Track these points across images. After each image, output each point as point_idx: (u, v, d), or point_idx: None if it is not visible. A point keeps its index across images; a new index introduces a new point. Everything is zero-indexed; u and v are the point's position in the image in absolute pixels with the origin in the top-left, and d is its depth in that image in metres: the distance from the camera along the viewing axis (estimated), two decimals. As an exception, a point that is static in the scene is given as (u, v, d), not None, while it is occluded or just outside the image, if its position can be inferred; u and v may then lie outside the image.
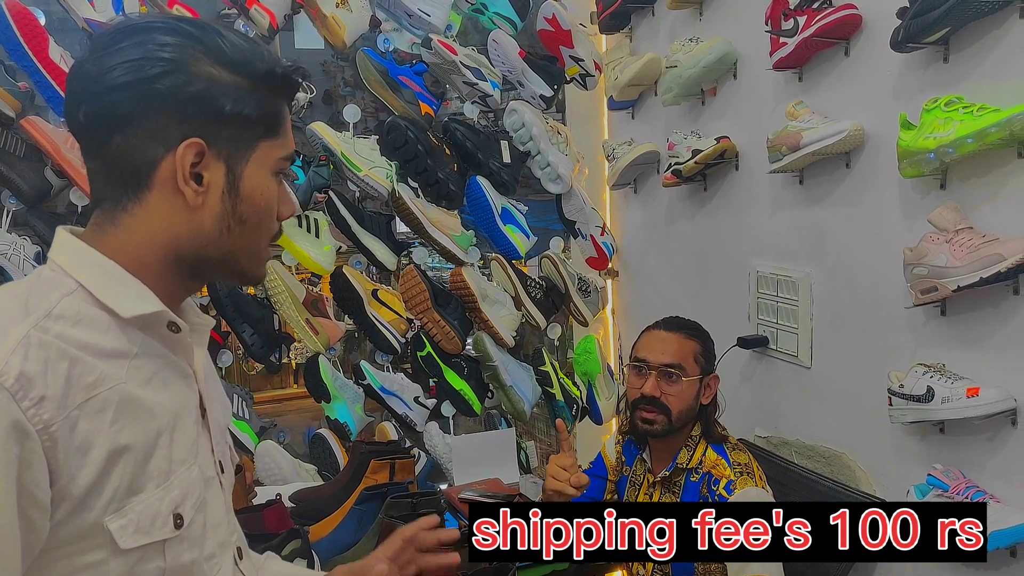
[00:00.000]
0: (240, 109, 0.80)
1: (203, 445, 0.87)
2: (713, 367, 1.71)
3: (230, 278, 0.91)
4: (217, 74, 0.79)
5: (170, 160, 0.78)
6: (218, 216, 0.82)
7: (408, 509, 1.65)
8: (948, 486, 1.44)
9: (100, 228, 0.81)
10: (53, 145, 1.88)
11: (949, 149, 1.41)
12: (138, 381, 0.78)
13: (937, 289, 1.46)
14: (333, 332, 2.25)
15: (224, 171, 0.81)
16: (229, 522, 0.91)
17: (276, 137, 0.85)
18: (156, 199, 0.80)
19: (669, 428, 1.63)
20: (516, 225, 2.40)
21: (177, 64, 0.77)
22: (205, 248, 0.82)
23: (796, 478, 1.88)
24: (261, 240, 0.87)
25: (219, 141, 0.80)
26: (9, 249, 1.87)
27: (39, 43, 1.86)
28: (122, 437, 0.75)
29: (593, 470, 1.86)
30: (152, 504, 0.77)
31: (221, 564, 0.87)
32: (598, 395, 2.56)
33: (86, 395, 0.73)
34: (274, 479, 2.14)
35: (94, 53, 0.78)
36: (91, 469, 0.72)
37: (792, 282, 1.98)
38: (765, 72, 1.98)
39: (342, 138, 2.15)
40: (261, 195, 0.84)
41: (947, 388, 1.45)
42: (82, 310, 0.76)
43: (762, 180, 2.06)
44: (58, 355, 0.72)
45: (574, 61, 2.45)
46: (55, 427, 0.70)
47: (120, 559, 0.75)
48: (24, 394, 0.69)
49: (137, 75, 0.76)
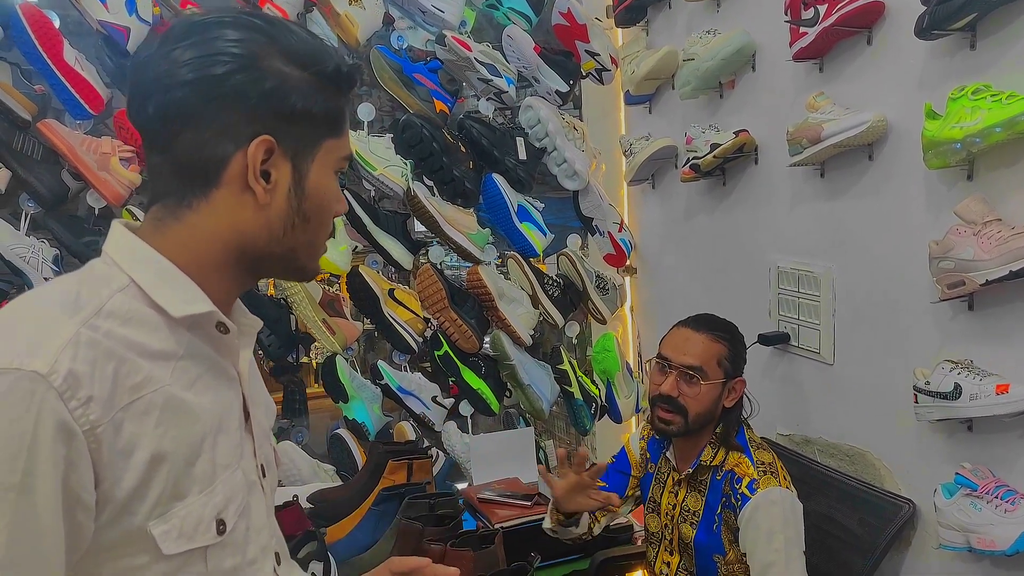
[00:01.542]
0: (309, 107, 0.80)
1: (246, 449, 0.86)
2: (740, 371, 1.66)
3: (287, 275, 0.91)
4: (288, 71, 0.79)
5: (240, 157, 0.78)
6: (284, 214, 0.81)
7: (426, 510, 1.64)
8: (977, 485, 1.40)
9: (161, 223, 0.80)
10: (70, 148, 1.89)
11: (976, 139, 1.37)
12: (183, 383, 0.77)
13: (964, 283, 1.42)
14: (350, 332, 2.24)
15: (291, 169, 0.81)
16: (270, 527, 0.91)
17: (339, 136, 0.85)
18: (224, 196, 0.79)
19: (685, 429, 1.60)
20: (533, 223, 2.38)
21: (249, 60, 0.77)
22: (269, 245, 0.82)
23: (819, 477, 1.85)
24: (321, 236, 0.87)
25: (288, 139, 0.80)
26: (28, 252, 1.89)
27: (54, 46, 1.87)
28: (166, 441, 0.74)
29: (616, 465, 1.84)
30: (195, 510, 0.76)
31: (262, 570, 0.86)
32: (617, 393, 2.54)
33: (131, 396, 0.72)
34: (293, 480, 2.14)
35: (164, 47, 0.77)
36: (135, 472, 0.72)
37: (813, 277, 1.94)
38: (784, 63, 1.95)
39: (357, 137, 2.14)
40: (324, 193, 0.84)
41: (975, 385, 1.41)
42: (132, 308, 0.75)
43: (782, 174, 2.03)
44: (106, 355, 0.71)
45: (590, 56, 2.43)
46: (101, 428, 0.69)
47: (162, 564, 0.75)
48: (72, 394, 0.68)
49: (207, 71, 0.76)
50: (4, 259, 1.86)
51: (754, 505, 1.50)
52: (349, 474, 2.18)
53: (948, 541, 1.45)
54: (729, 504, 1.55)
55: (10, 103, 1.85)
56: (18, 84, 1.92)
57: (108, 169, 1.91)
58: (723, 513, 1.56)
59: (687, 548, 1.63)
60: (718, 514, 1.57)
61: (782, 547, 1.47)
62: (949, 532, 1.44)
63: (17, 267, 1.87)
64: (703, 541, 1.59)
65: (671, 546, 1.68)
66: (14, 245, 1.87)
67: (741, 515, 1.51)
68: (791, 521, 1.51)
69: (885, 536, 1.63)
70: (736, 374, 1.65)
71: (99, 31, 1.91)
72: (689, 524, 1.62)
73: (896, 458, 1.73)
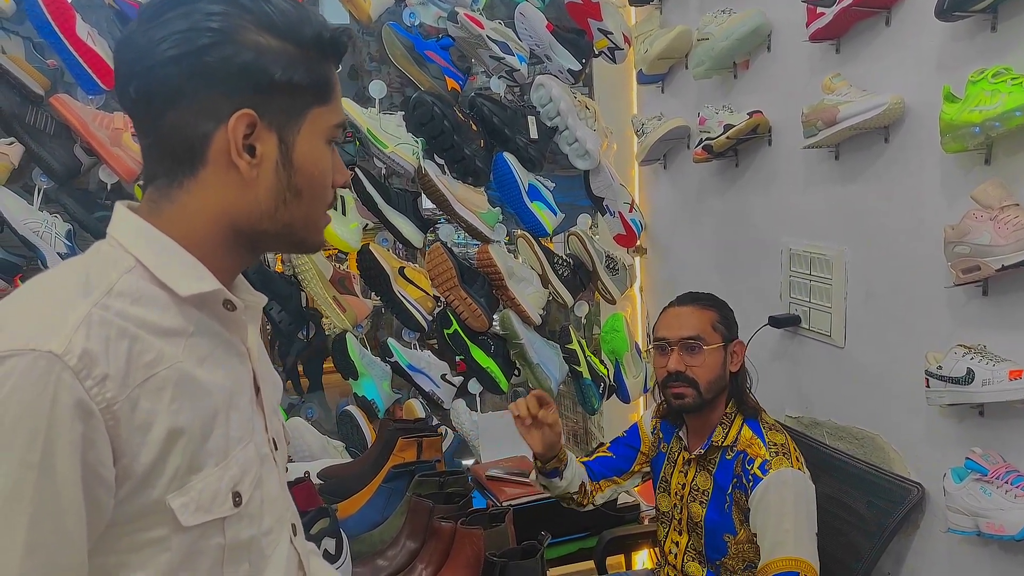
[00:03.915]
0: (290, 77, 0.79)
1: (257, 423, 0.87)
2: (735, 334, 1.69)
3: (289, 249, 0.90)
4: (265, 42, 0.77)
5: (222, 133, 0.77)
6: (273, 188, 0.80)
7: (436, 487, 1.65)
8: (987, 470, 1.40)
9: (156, 204, 0.80)
10: (82, 123, 1.88)
11: (996, 123, 1.35)
12: (194, 360, 0.78)
13: (980, 268, 1.41)
14: (360, 310, 2.25)
15: (277, 141, 0.80)
16: (284, 498, 0.92)
17: (327, 103, 0.83)
18: (211, 174, 0.78)
19: (701, 400, 1.61)
20: (543, 202, 2.37)
21: (225, 34, 0.76)
22: (261, 222, 0.81)
23: (828, 459, 1.85)
24: (318, 210, 0.85)
25: (270, 111, 0.78)
26: (41, 227, 1.89)
27: (67, 20, 1.85)
28: (181, 416, 0.75)
29: (626, 439, 1.85)
30: (212, 482, 0.77)
31: (279, 540, 0.88)
32: (625, 373, 2.55)
33: (145, 374, 0.73)
34: (303, 456, 2.15)
35: (142, 25, 0.77)
36: (152, 447, 0.73)
37: (826, 260, 1.93)
38: (801, 44, 1.92)
39: (368, 114, 2.13)
40: (315, 164, 0.83)
41: (988, 370, 1.41)
42: (141, 287, 0.76)
43: (796, 156, 2.01)
44: (119, 333, 0.72)
45: (602, 34, 2.40)
46: (117, 406, 0.70)
47: (182, 536, 0.76)
48: (88, 373, 0.68)
49: (185, 48, 0.75)
50: (17, 233, 1.87)
51: (765, 486, 1.51)
52: (358, 451, 2.20)
53: (957, 525, 1.45)
54: (741, 485, 1.56)
55: (23, 77, 1.85)
56: (31, 58, 1.91)
57: (120, 144, 1.91)
58: (734, 493, 1.57)
59: (696, 527, 1.64)
60: (729, 494, 1.58)
61: (792, 527, 1.48)
62: (958, 516, 1.45)
63: (30, 241, 1.87)
64: (714, 520, 1.60)
65: (680, 526, 1.69)
66: (27, 220, 1.87)
67: (752, 496, 1.52)
68: (803, 502, 1.52)
69: (893, 519, 1.64)
70: (733, 336, 1.68)
71: (111, 5, 1.90)
72: (699, 503, 1.63)
73: (906, 442, 1.73)
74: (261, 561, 0.85)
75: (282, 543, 0.88)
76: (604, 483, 1.81)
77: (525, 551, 1.49)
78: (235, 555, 0.81)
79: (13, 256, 1.91)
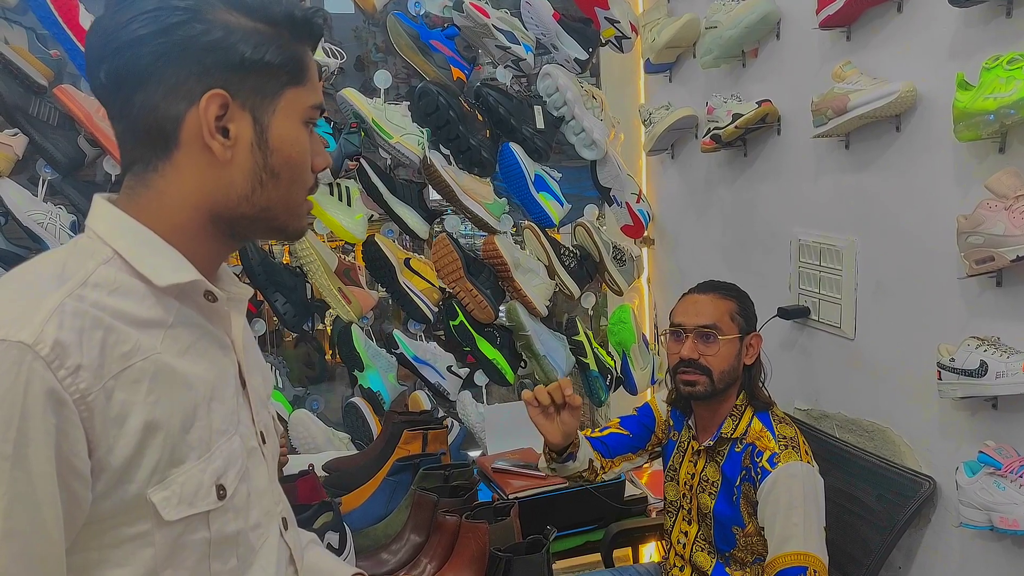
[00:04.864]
0: (260, 56, 0.77)
1: (243, 415, 0.86)
2: (754, 326, 1.67)
3: (270, 235, 0.88)
4: (235, 20, 0.76)
5: (194, 114, 0.76)
6: (249, 171, 0.79)
7: (441, 481, 1.64)
8: (1001, 464, 1.38)
9: (133, 192, 0.79)
10: (86, 113, 1.87)
11: (1011, 110, 1.33)
12: (174, 351, 0.77)
13: (994, 259, 1.38)
14: (366, 301, 2.24)
15: (251, 122, 0.78)
16: (273, 492, 0.91)
17: (302, 84, 0.82)
18: (185, 157, 0.77)
19: (712, 389, 1.60)
20: (550, 192, 2.35)
21: (193, 12, 0.75)
22: (239, 206, 0.80)
23: (837, 452, 1.83)
24: (297, 193, 0.84)
25: (243, 91, 0.77)
26: (45, 218, 1.89)
27: (70, 10, 1.84)
28: (159, 408, 0.74)
29: (639, 418, 1.83)
30: (194, 475, 0.77)
31: (267, 534, 0.87)
32: (632, 365, 2.53)
33: (121, 365, 0.72)
34: (308, 448, 2.15)
35: (110, 7, 0.76)
36: (128, 440, 0.72)
37: (836, 251, 1.91)
38: (810, 31, 1.90)
39: (373, 105, 2.12)
40: (292, 146, 0.81)
41: (1002, 363, 1.38)
42: (118, 279, 0.75)
43: (806, 145, 1.98)
44: (93, 324, 0.71)
45: (609, 23, 2.38)
46: (91, 396, 0.69)
47: (165, 530, 0.75)
48: (60, 363, 0.67)
49: (153, 27, 0.74)
50: (22, 225, 1.86)
51: (774, 479, 1.49)
52: (364, 443, 2.19)
53: (969, 520, 1.43)
54: (749, 477, 1.54)
55: (26, 68, 1.84)
56: (34, 49, 1.90)
57: (124, 135, 1.90)
58: (743, 486, 1.56)
59: (705, 518, 1.63)
60: (737, 486, 1.57)
61: (801, 521, 1.46)
62: (970, 511, 1.43)
63: (35, 233, 1.87)
64: (723, 512, 1.59)
65: (689, 515, 1.68)
66: (32, 211, 1.87)
67: (760, 489, 1.51)
68: (811, 496, 1.50)
69: (904, 513, 1.62)
70: (750, 329, 1.66)
71: (114, -5, 1.89)
72: (708, 495, 1.62)
73: (917, 435, 1.71)
74: (250, 555, 0.84)
75: (271, 537, 0.87)
76: (619, 459, 1.78)
77: (531, 545, 1.47)
78: (221, 549, 0.80)
79: (17, 248, 1.91)
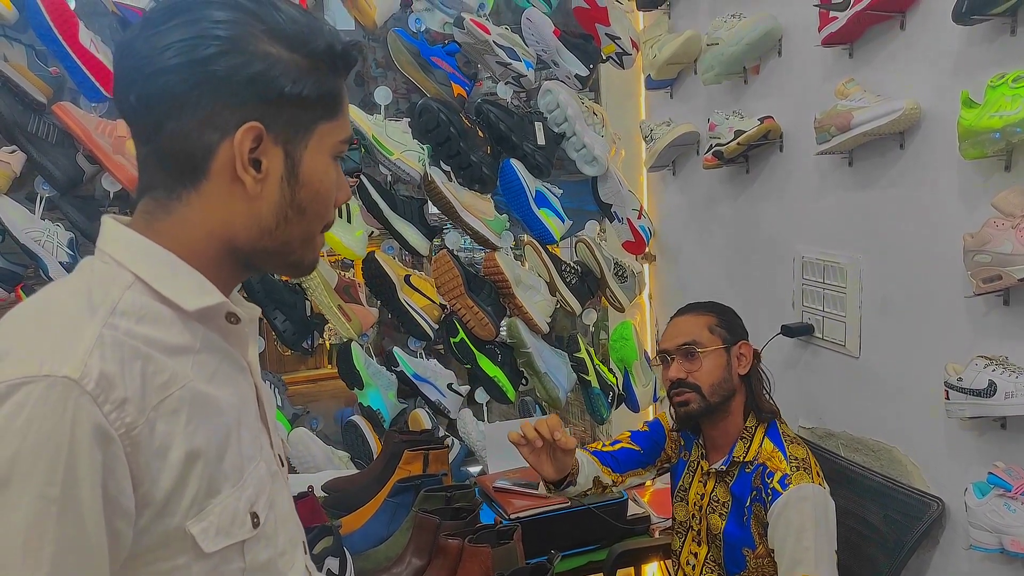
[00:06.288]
0: (299, 90, 0.75)
1: (263, 440, 0.84)
2: (740, 336, 1.67)
3: (283, 270, 0.87)
4: (276, 53, 0.74)
5: (227, 146, 0.73)
6: (276, 205, 0.77)
7: (442, 503, 1.62)
8: (1011, 486, 1.37)
9: (151, 216, 0.76)
10: (84, 131, 1.86)
11: (1017, 128, 1.32)
12: (204, 377, 0.75)
13: (1001, 278, 1.37)
14: (366, 318, 2.22)
15: (283, 157, 0.76)
16: (294, 516, 0.90)
17: (335, 119, 0.80)
18: (213, 188, 0.75)
19: (706, 405, 1.59)
20: (551, 209, 2.34)
21: (233, 43, 0.72)
22: (261, 239, 0.78)
23: (843, 471, 1.81)
24: (316, 228, 0.82)
25: (277, 124, 0.75)
26: (43, 235, 1.87)
27: (69, 28, 1.84)
28: (197, 437, 0.72)
29: (650, 433, 1.82)
30: (230, 505, 0.75)
31: (293, 560, 0.85)
32: (635, 382, 2.51)
33: (160, 395, 0.70)
34: (307, 467, 2.12)
35: (145, 30, 0.73)
36: (171, 472, 0.70)
37: (840, 268, 1.90)
38: (813, 48, 1.89)
39: (373, 121, 2.11)
40: (320, 181, 0.80)
41: (1011, 382, 1.37)
42: (144, 304, 0.72)
43: (808, 162, 1.98)
44: (132, 354, 0.68)
45: (610, 39, 2.38)
46: (136, 430, 0.67)
47: (203, 562, 0.73)
48: (106, 397, 0.65)
49: (191, 56, 0.71)
50: (19, 242, 1.84)
51: (785, 501, 1.48)
52: (364, 461, 2.17)
53: (979, 542, 1.41)
54: (759, 498, 1.52)
55: (25, 85, 1.83)
56: (33, 66, 1.89)
57: (123, 152, 1.89)
58: (753, 506, 1.54)
59: (716, 539, 1.61)
60: (748, 507, 1.55)
61: (812, 545, 1.44)
62: (980, 533, 1.41)
63: (32, 250, 1.85)
64: (734, 534, 1.57)
65: (699, 536, 1.66)
66: (29, 228, 1.85)
67: (771, 510, 1.49)
68: (822, 519, 1.48)
69: (912, 534, 1.60)
70: (735, 338, 1.65)
71: (115, 12, 1.88)
72: (718, 515, 1.60)
73: (924, 455, 1.69)
74: None
75: (297, 563, 0.86)
76: (629, 474, 1.79)
77: (535, 570, 1.45)
78: None
79: (14, 265, 1.89)
